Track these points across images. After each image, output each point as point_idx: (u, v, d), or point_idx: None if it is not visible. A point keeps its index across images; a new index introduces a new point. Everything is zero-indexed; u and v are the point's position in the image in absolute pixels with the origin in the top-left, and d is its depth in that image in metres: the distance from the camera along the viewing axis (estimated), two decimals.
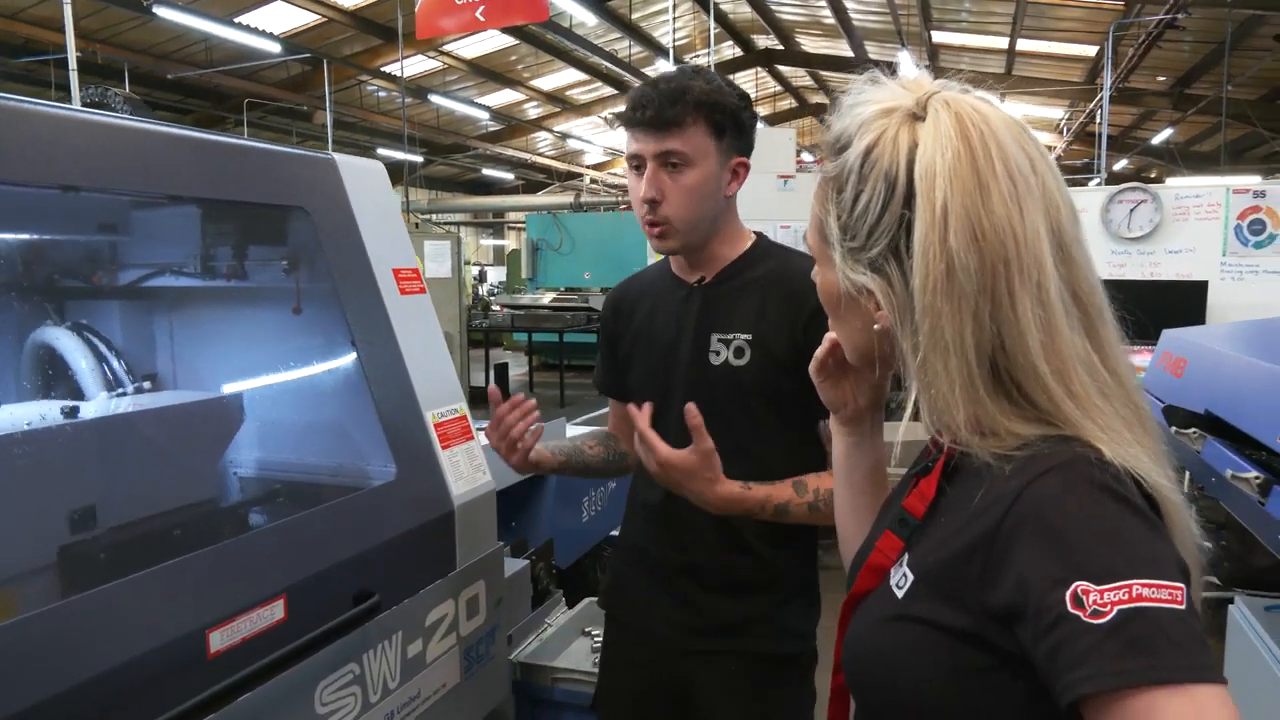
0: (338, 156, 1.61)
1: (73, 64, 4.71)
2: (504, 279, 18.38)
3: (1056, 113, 18.82)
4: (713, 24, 8.30)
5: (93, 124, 1.18)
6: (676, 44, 14.86)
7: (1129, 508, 0.65)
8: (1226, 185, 4.76)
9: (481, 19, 5.96)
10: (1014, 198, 0.72)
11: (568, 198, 17.08)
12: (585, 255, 13.31)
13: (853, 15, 14.92)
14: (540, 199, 17.50)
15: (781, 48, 17.20)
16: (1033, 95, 16.95)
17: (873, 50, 16.81)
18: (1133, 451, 0.69)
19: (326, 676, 1.26)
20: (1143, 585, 0.61)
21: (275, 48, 10.97)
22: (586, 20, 12.47)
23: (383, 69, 14.24)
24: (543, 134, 20.46)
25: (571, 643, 2.21)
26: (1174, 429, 2.02)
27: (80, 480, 1.36)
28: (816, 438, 1.57)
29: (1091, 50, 14.37)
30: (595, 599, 2.40)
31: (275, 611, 1.17)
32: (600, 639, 2.20)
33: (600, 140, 22.12)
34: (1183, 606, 0.61)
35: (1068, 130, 18.07)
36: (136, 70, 12.25)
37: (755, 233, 1.63)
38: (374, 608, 1.30)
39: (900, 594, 0.77)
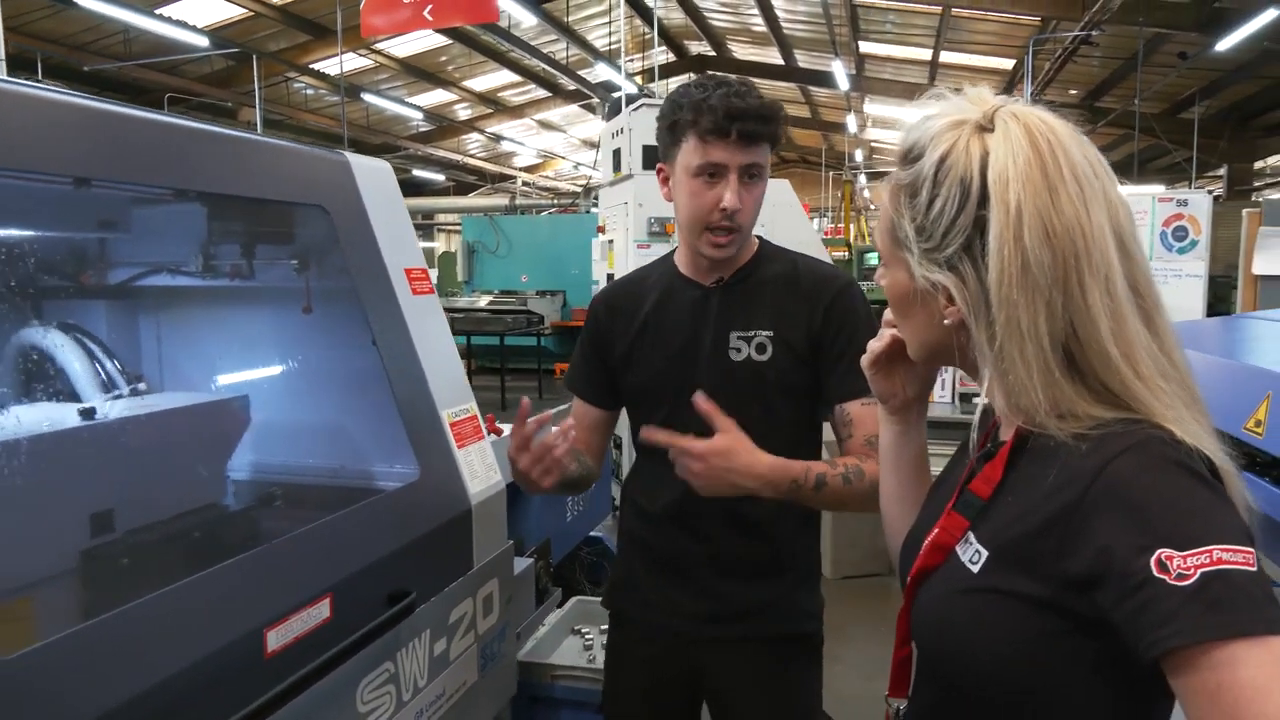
0: (350, 156, 1.60)
1: (1, 53, 4.49)
2: (436, 281, 18.13)
3: None
4: (657, 34, 8.35)
5: (127, 118, 1.16)
6: (610, 47, 14.94)
7: (1201, 481, 0.72)
8: (1152, 194, 5.05)
9: (429, 18, 5.89)
10: (1080, 199, 0.78)
11: (499, 200, 16.96)
12: (522, 258, 13.23)
13: (783, 24, 15.23)
14: (474, 200, 17.33)
15: (714, 54, 17.42)
16: None
17: (802, 59, 17.19)
18: (1194, 430, 0.76)
19: (367, 675, 1.26)
20: (1221, 550, 0.67)
21: (202, 41, 10.60)
22: (523, 21, 12.41)
23: (311, 66, 13.92)
24: (473, 135, 20.27)
25: (563, 641, 2.23)
26: None
27: (122, 480, 1.33)
28: (818, 426, 1.64)
29: (1008, 64, 14.98)
30: (581, 598, 2.43)
31: (322, 611, 1.17)
32: (590, 637, 2.24)
33: (533, 142, 22.03)
34: (1255, 568, 0.68)
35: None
36: (49, 61, 11.70)
37: (757, 236, 1.69)
38: (411, 605, 1.30)
39: (975, 568, 0.82)
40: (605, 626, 2.25)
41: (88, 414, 1.30)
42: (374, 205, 1.58)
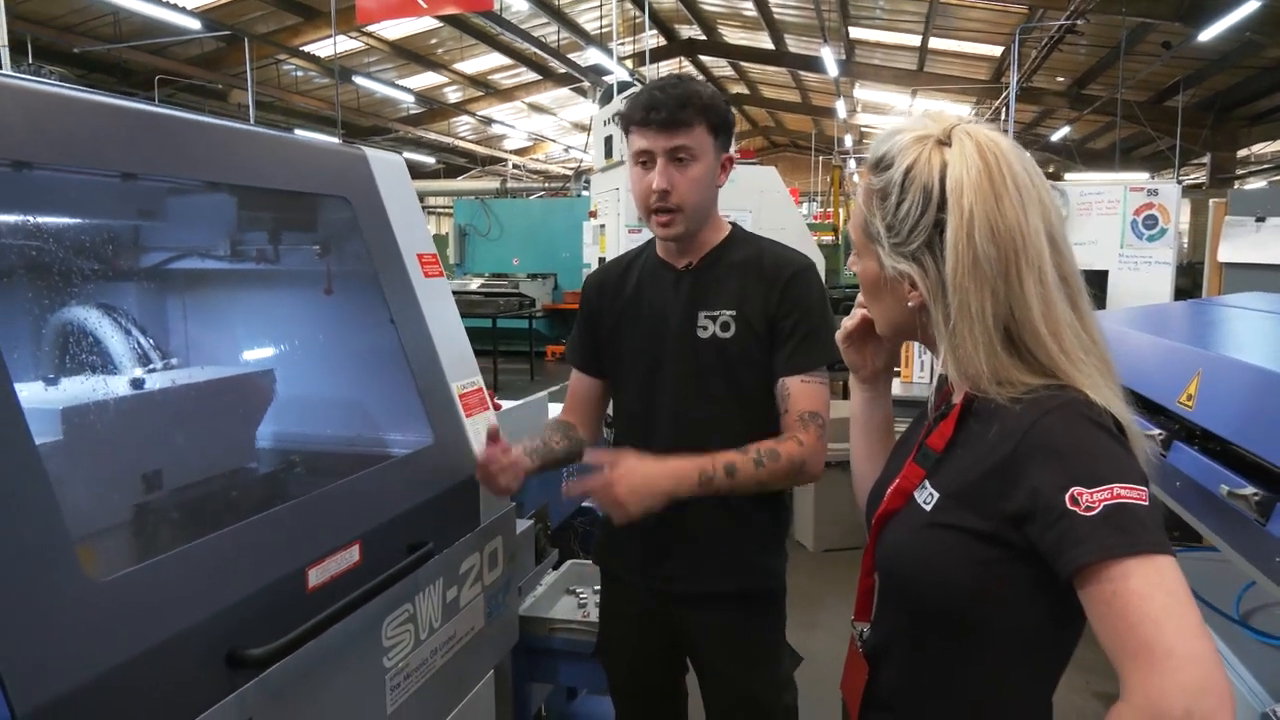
0: (367, 150, 1.75)
1: (4, 39, 4.58)
2: None
3: (963, 109, 19.71)
4: (648, 17, 8.45)
5: (173, 119, 1.30)
6: (601, 31, 14.99)
7: (1109, 435, 0.89)
8: (1124, 183, 5.22)
9: (424, 5, 5.99)
10: (1020, 204, 0.95)
11: (491, 183, 17.03)
12: (514, 241, 13.35)
13: (773, 8, 15.30)
14: (466, 184, 17.38)
15: (704, 38, 17.48)
16: (943, 91, 17.71)
17: (792, 44, 17.27)
18: (1107, 395, 0.93)
19: (391, 613, 1.43)
20: (1121, 487, 0.84)
21: (192, 23, 10.62)
22: (513, 4, 12.47)
23: (301, 48, 13.93)
24: (463, 118, 20.29)
25: (559, 600, 2.39)
26: None
27: (175, 442, 1.49)
28: (773, 397, 1.80)
29: (996, 50, 15.11)
30: (576, 561, 2.60)
31: (353, 555, 1.33)
32: (584, 597, 2.41)
33: (523, 125, 22.04)
34: (1147, 502, 0.85)
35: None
36: (37, 43, 11.68)
37: (730, 222, 1.85)
38: (429, 554, 1.47)
39: (929, 509, 0.99)
40: (598, 587, 2.43)
41: (138, 384, 1.46)
42: (389, 195, 1.73)
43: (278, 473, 1.68)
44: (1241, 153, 16.67)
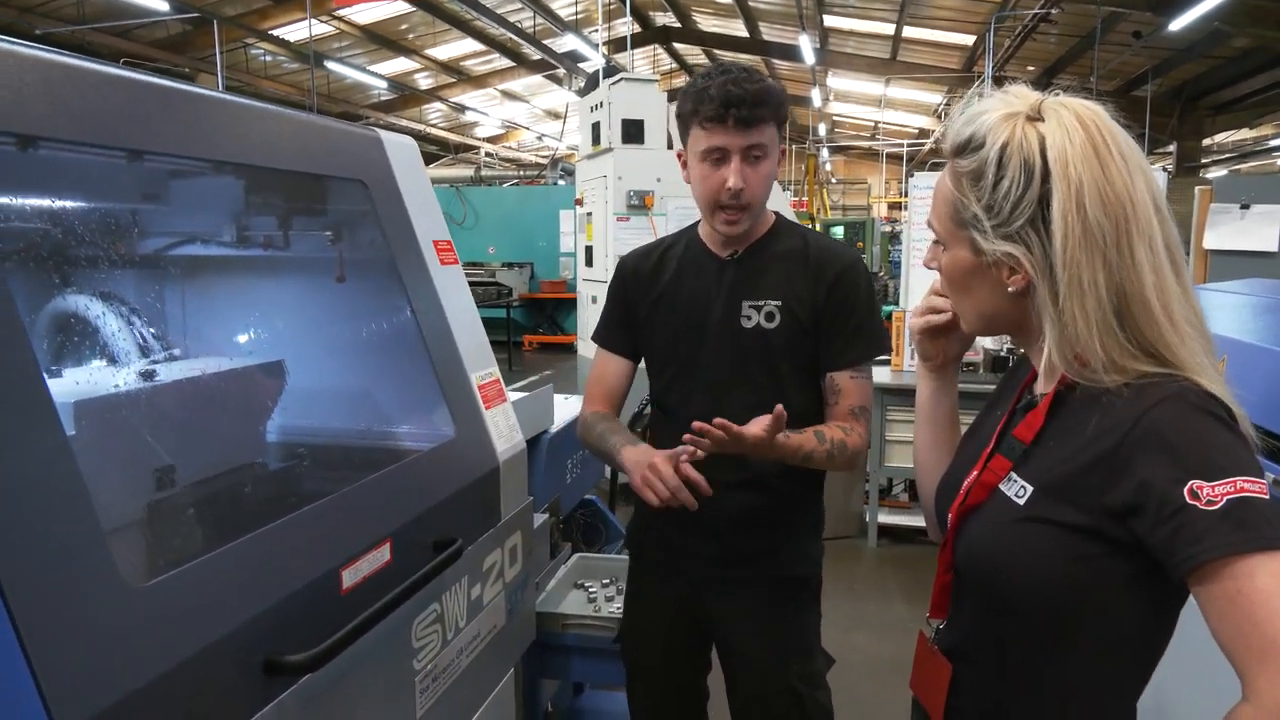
0: (381, 132, 1.68)
1: None
2: None
3: (935, 98, 19.79)
4: (628, 4, 8.36)
5: (188, 94, 1.22)
6: (576, 17, 14.83)
7: (1225, 426, 0.86)
8: None
9: None
10: (1126, 171, 0.92)
11: (465, 170, 16.82)
12: (489, 229, 13.22)
13: None
14: (440, 171, 17.17)
15: (679, 25, 17.37)
16: (915, 80, 17.79)
17: (766, 32, 17.23)
18: (1214, 375, 0.90)
19: (420, 613, 1.37)
20: (1244, 481, 0.81)
21: (160, 5, 10.35)
22: None
23: (270, 32, 13.62)
24: (435, 105, 20.00)
25: (568, 594, 2.35)
26: None
27: (194, 436, 1.42)
28: (818, 388, 1.78)
29: (968, 40, 15.18)
30: (583, 554, 2.56)
31: (384, 554, 1.28)
32: (593, 591, 2.37)
33: (496, 112, 21.80)
34: (1268, 496, 0.82)
35: (945, 115, 19.05)
36: None
37: (774, 212, 1.82)
38: (459, 551, 1.41)
39: (1021, 502, 0.96)
40: (606, 581, 2.39)
41: (152, 376, 1.38)
42: (404, 179, 1.67)
43: (302, 468, 1.61)
44: (1206, 142, 16.92)
